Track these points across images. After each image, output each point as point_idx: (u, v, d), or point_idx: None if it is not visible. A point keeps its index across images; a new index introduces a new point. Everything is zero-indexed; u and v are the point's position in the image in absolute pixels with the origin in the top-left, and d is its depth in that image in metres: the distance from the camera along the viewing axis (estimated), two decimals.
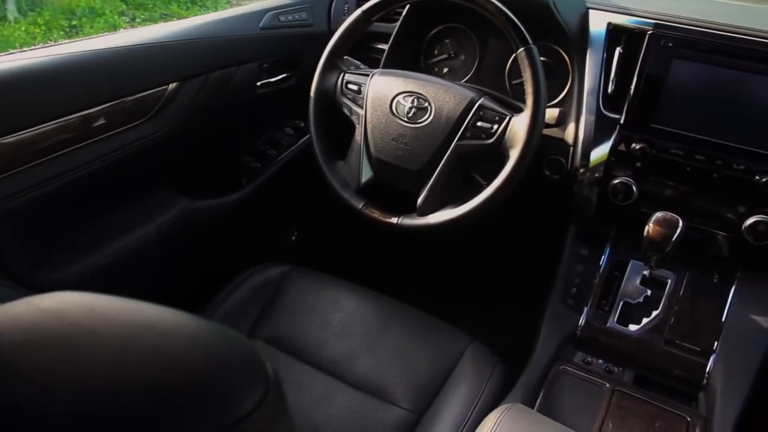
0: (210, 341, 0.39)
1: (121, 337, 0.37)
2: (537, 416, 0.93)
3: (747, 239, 1.09)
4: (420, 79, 1.16)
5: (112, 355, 0.36)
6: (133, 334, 0.37)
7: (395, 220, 1.17)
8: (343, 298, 1.24)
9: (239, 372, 0.38)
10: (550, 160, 1.23)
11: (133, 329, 0.37)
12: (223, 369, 0.38)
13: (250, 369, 0.39)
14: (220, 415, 0.36)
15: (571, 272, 1.23)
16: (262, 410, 0.37)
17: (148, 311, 0.39)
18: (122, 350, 0.36)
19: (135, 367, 0.36)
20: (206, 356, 0.38)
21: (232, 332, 0.40)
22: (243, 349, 0.40)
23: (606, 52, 1.19)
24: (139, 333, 0.37)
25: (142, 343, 0.37)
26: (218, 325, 0.40)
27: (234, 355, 0.39)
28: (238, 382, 0.37)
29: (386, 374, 1.12)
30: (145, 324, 0.38)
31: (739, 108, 1.09)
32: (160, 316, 0.39)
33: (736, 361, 1.09)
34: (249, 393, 0.37)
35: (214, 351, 0.38)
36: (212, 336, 0.39)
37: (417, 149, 1.13)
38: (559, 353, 1.16)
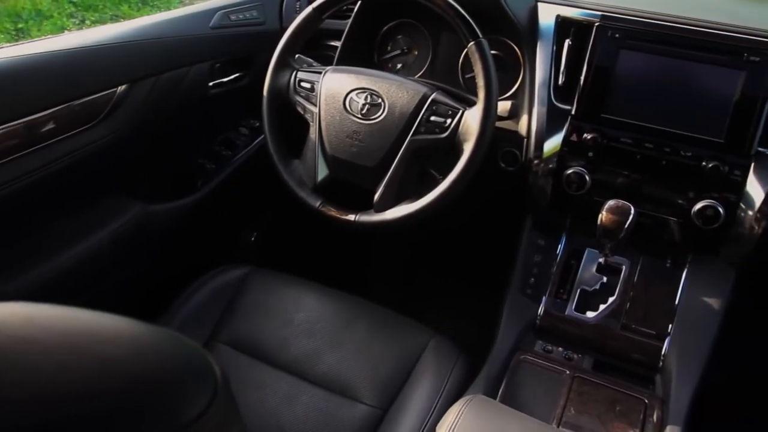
0: (154, 346, 0.38)
1: (63, 346, 0.36)
2: (498, 406, 0.94)
3: (696, 224, 1.11)
4: (373, 76, 1.16)
5: (53, 365, 0.35)
6: (75, 342, 0.36)
7: (352, 217, 1.16)
8: (304, 297, 1.23)
9: (185, 376, 0.38)
10: (504, 152, 1.24)
11: (75, 338, 0.36)
12: (168, 374, 0.37)
13: (197, 373, 0.38)
14: (166, 420, 0.35)
15: (529, 262, 1.24)
16: (210, 414, 0.37)
17: (89, 319, 0.38)
18: (63, 359, 0.35)
19: (77, 375, 0.35)
20: (150, 362, 0.37)
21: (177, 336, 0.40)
22: (189, 352, 0.39)
23: (555, 45, 1.20)
24: (80, 341, 0.36)
25: (84, 351, 0.36)
26: (163, 329, 0.40)
27: (179, 359, 0.38)
28: (184, 386, 0.37)
29: (350, 372, 1.12)
30: (87, 332, 0.37)
31: (686, 96, 1.11)
32: (101, 323, 0.38)
33: (690, 342, 1.12)
34: (196, 397, 0.37)
35: (158, 356, 0.38)
36: (156, 341, 0.39)
37: (372, 146, 1.13)
38: (520, 343, 1.17)
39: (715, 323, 1.13)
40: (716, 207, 1.09)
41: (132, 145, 1.25)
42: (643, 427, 1.03)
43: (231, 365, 1.14)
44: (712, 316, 1.13)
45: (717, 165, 1.08)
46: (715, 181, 1.09)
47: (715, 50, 1.09)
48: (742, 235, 1.10)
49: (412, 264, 1.88)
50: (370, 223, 1.15)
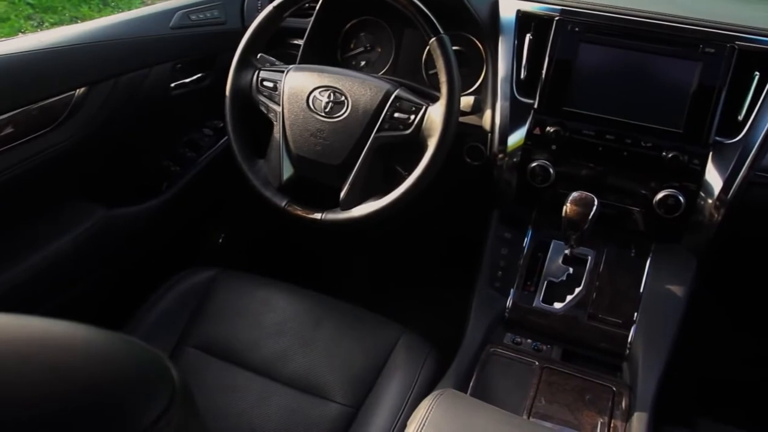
0: (109, 352, 0.37)
1: (12, 355, 0.35)
2: (468, 399, 0.95)
3: (658, 213, 1.13)
4: (335, 73, 1.16)
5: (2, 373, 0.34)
6: (25, 350, 0.35)
7: (319, 215, 1.16)
8: (274, 298, 1.23)
9: (141, 381, 0.37)
10: (469, 147, 1.25)
11: (25, 346, 0.36)
12: (123, 379, 0.36)
13: (154, 377, 0.38)
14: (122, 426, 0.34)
15: (496, 256, 1.25)
16: (167, 419, 0.36)
17: (40, 326, 0.37)
18: (13, 367, 0.34)
19: (27, 383, 0.34)
20: (104, 368, 0.36)
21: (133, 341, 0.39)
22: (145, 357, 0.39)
23: (517, 40, 1.21)
24: (31, 349, 0.35)
25: (35, 359, 0.35)
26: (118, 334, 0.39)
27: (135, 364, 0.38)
28: (140, 391, 0.36)
29: (321, 371, 1.12)
30: (38, 339, 0.36)
31: (645, 88, 1.13)
32: (53, 330, 0.37)
33: (655, 329, 1.14)
34: (152, 402, 0.36)
35: (113, 362, 0.37)
36: (111, 346, 0.38)
37: (336, 143, 1.13)
38: (489, 336, 1.18)
39: (679, 310, 1.15)
40: (677, 196, 1.11)
41: (93, 148, 1.23)
42: (611, 414, 1.05)
43: (201, 369, 1.13)
44: (675, 304, 1.16)
45: (677, 155, 1.10)
46: (675, 170, 1.11)
47: (672, 42, 1.11)
48: (703, 222, 1.13)
49: (381, 261, 1.88)
50: (337, 221, 1.15)
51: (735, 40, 1.09)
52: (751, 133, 1.09)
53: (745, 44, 1.09)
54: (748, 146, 1.09)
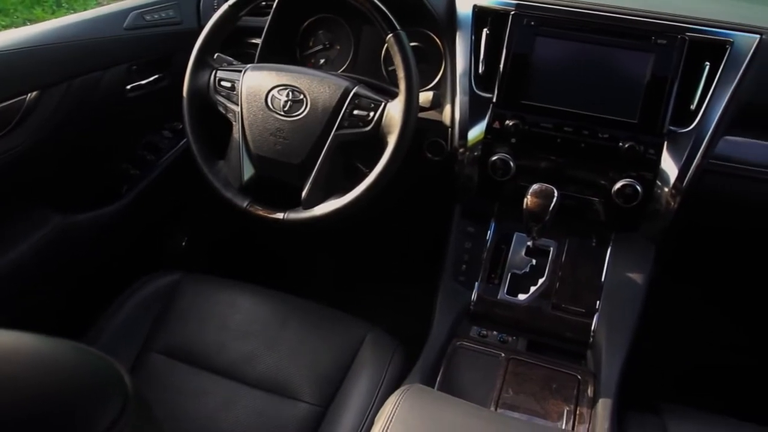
0: (57, 361, 0.37)
1: None
2: (435, 393, 0.95)
3: (617, 202, 1.15)
4: (293, 72, 1.15)
5: None
6: None
7: (281, 215, 1.16)
8: (239, 299, 1.22)
9: (92, 389, 0.36)
10: (430, 142, 1.26)
11: None
12: (73, 388, 0.36)
13: (105, 384, 0.37)
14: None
15: (460, 249, 1.26)
16: (120, 426, 0.36)
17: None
18: None
19: None
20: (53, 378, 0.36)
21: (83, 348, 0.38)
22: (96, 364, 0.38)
23: (474, 34, 1.22)
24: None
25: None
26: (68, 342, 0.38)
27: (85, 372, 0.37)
28: (90, 399, 0.36)
29: (289, 371, 1.11)
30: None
31: (601, 80, 1.15)
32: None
33: (617, 317, 1.16)
34: (104, 409, 0.35)
35: (62, 371, 0.36)
36: (60, 355, 0.37)
37: (296, 142, 1.13)
38: (455, 329, 1.19)
39: (640, 297, 1.17)
40: (634, 185, 1.13)
41: (47, 153, 1.20)
42: (577, 402, 1.07)
43: (167, 374, 1.12)
44: (636, 291, 1.18)
45: (633, 145, 1.12)
46: (632, 160, 1.13)
47: (626, 35, 1.13)
48: (660, 211, 1.15)
49: (346, 259, 1.88)
50: (299, 220, 1.14)
51: (685, 32, 1.12)
52: (703, 121, 1.12)
53: (695, 35, 1.12)
54: (701, 135, 1.12)
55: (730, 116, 1.12)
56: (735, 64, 1.12)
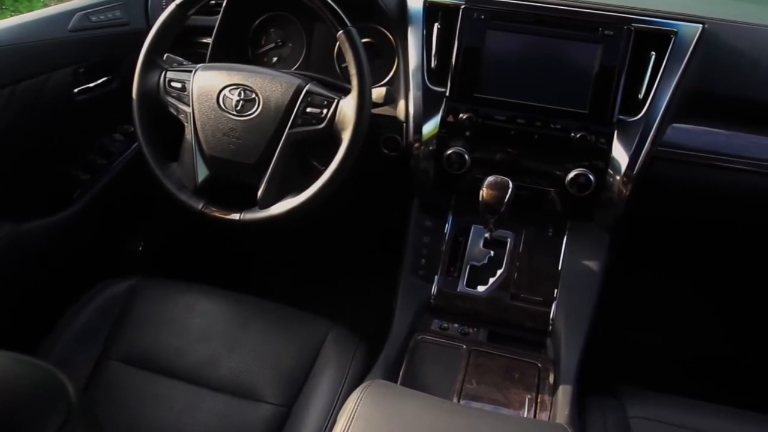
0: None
1: None
2: (396, 388, 0.96)
3: (571, 192, 1.17)
4: (245, 71, 1.14)
5: None
6: None
7: (237, 216, 1.15)
8: (198, 303, 1.20)
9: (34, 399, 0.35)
10: (386, 138, 1.26)
11: None
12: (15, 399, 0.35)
13: (47, 394, 0.36)
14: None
15: (419, 244, 1.27)
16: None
17: None
18: None
19: None
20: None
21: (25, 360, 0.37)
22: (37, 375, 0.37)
23: (425, 29, 1.22)
24: None
25: None
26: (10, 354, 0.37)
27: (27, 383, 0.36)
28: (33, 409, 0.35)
29: (251, 373, 1.10)
30: None
31: (551, 72, 1.16)
32: None
33: (574, 304, 1.18)
34: (47, 419, 0.35)
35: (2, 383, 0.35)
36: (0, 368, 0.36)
37: (250, 142, 1.12)
38: (417, 323, 1.20)
39: (596, 284, 1.20)
40: (587, 174, 1.15)
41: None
42: (538, 390, 1.08)
43: (127, 382, 1.10)
44: (592, 278, 1.20)
45: (584, 135, 1.13)
46: (584, 150, 1.15)
47: (574, 26, 1.15)
48: (612, 199, 1.17)
49: (307, 257, 1.87)
50: (256, 220, 1.13)
51: (631, 22, 1.13)
52: (651, 110, 1.14)
53: (640, 26, 1.14)
54: (650, 123, 1.14)
55: (676, 104, 1.15)
56: (679, 54, 1.14)
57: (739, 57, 1.20)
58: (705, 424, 1.04)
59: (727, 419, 1.07)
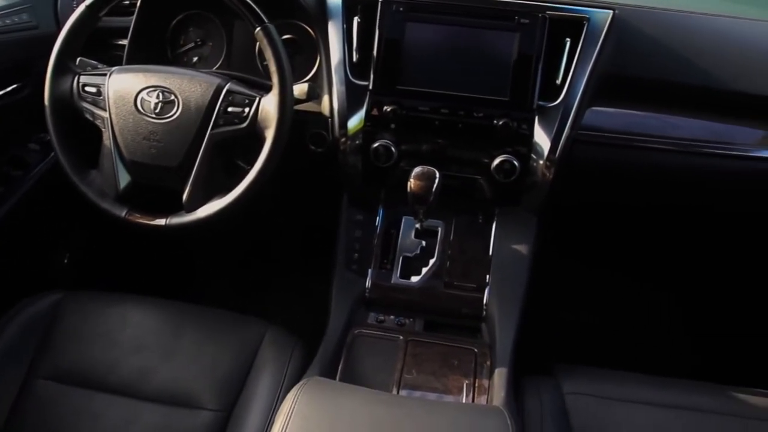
0: None
1: None
2: (333, 384, 0.96)
3: (497, 179, 1.19)
4: (162, 72, 1.12)
5: None
6: None
7: (162, 221, 1.12)
8: (129, 313, 1.17)
9: None
10: (312, 134, 1.25)
11: None
12: None
13: None
14: None
15: (350, 238, 1.27)
16: None
17: None
18: None
19: None
20: None
21: None
22: None
23: (345, 23, 1.22)
24: None
25: None
26: None
27: None
28: None
29: (188, 380, 1.09)
30: None
31: (472, 61, 1.18)
32: None
33: (507, 288, 1.21)
34: None
35: None
36: None
37: (171, 145, 1.09)
38: (353, 318, 1.20)
39: (526, 267, 1.23)
40: (512, 161, 1.17)
41: None
42: (475, 374, 1.10)
43: (56, 400, 1.06)
44: (522, 262, 1.23)
45: (506, 122, 1.16)
46: (507, 136, 1.17)
47: (491, 16, 1.17)
48: (537, 183, 1.20)
49: (242, 259, 1.85)
50: (183, 225, 1.11)
51: (545, 10, 1.16)
52: (569, 95, 1.17)
53: (554, 13, 1.17)
54: (568, 107, 1.17)
55: (593, 88, 1.18)
56: (593, 39, 1.18)
57: (648, 41, 1.24)
58: (636, 394, 1.09)
59: (656, 388, 1.11)
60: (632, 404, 1.06)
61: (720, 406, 1.08)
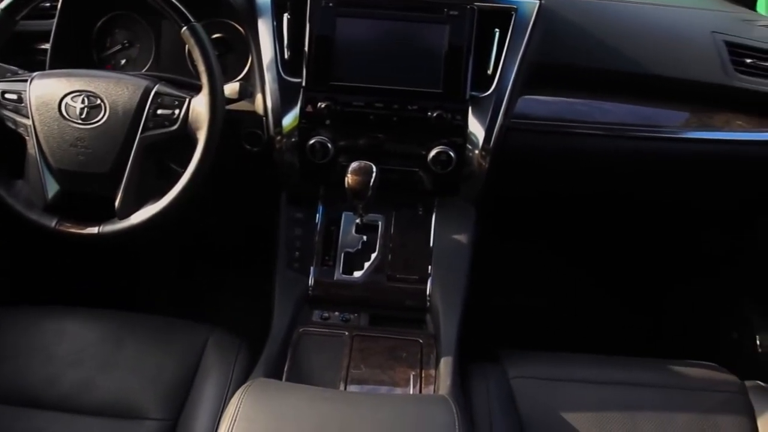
0: None
1: None
2: (278, 385, 0.95)
3: (435, 170, 1.20)
4: (86, 76, 1.09)
5: None
6: None
7: (95, 229, 1.09)
8: (66, 326, 1.14)
9: None
10: (247, 133, 1.23)
11: None
12: None
13: None
14: None
15: (291, 237, 1.26)
16: None
17: None
18: None
19: None
20: None
21: None
22: None
23: (275, 20, 1.21)
24: None
25: None
26: None
27: None
28: None
29: (130, 391, 1.06)
30: None
31: (404, 54, 1.19)
32: None
33: (448, 278, 1.22)
34: None
35: None
36: None
37: (100, 150, 1.07)
38: (297, 317, 1.19)
39: (466, 256, 1.24)
40: (448, 152, 1.19)
41: None
42: (422, 365, 1.11)
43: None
44: (462, 251, 1.24)
45: (440, 113, 1.17)
46: (442, 128, 1.18)
47: (420, 8, 1.18)
48: (474, 172, 1.22)
49: (184, 263, 1.82)
50: (117, 232, 1.08)
51: (474, 2, 1.18)
52: (500, 84, 1.19)
53: (482, 4, 1.18)
54: (500, 97, 1.19)
55: (523, 76, 1.21)
56: (521, 29, 1.20)
57: (575, 29, 1.28)
58: (579, 374, 1.12)
59: (598, 366, 1.15)
60: (576, 383, 1.09)
61: (659, 379, 1.13)
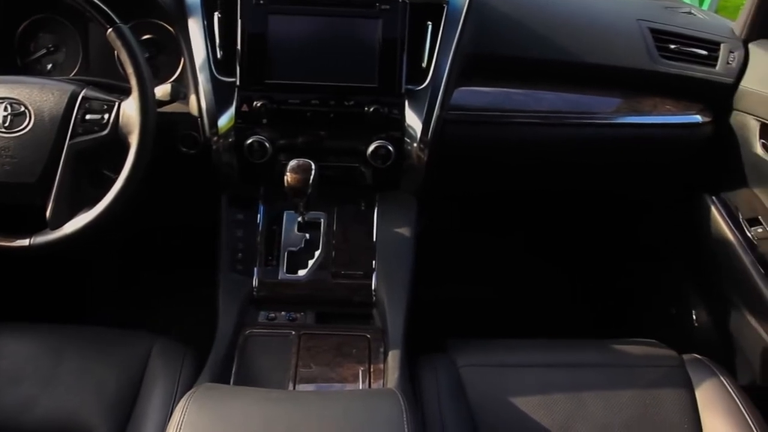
0: None
1: None
2: (224, 388, 0.94)
3: (374, 165, 1.21)
4: (8, 82, 1.05)
5: None
6: None
7: (27, 241, 1.05)
8: (4, 343, 1.10)
9: None
10: (183, 135, 1.21)
11: None
12: None
13: None
14: None
15: (233, 239, 1.24)
16: None
17: None
18: None
19: None
20: None
21: None
22: None
23: (206, 19, 1.19)
24: None
25: None
26: None
27: None
28: None
29: (73, 406, 1.03)
30: None
31: (338, 50, 1.18)
32: None
33: (393, 272, 1.23)
34: None
35: None
36: None
37: (27, 159, 1.03)
38: (243, 319, 1.18)
39: (410, 249, 1.25)
40: (386, 146, 1.19)
41: None
42: (370, 360, 1.11)
43: None
44: (405, 244, 1.25)
45: (377, 108, 1.17)
46: (379, 122, 1.18)
47: (352, 4, 1.17)
48: (413, 165, 1.22)
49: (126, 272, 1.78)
50: (50, 243, 1.05)
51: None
52: (435, 77, 1.20)
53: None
54: (436, 89, 1.20)
55: (458, 68, 1.22)
56: (453, 22, 1.21)
57: (507, 20, 1.30)
58: (526, 359, 1.14)
59: (544, 350, 1.17)
60: (523, 368, 1.12)
61: (602, 358, 1.16)
